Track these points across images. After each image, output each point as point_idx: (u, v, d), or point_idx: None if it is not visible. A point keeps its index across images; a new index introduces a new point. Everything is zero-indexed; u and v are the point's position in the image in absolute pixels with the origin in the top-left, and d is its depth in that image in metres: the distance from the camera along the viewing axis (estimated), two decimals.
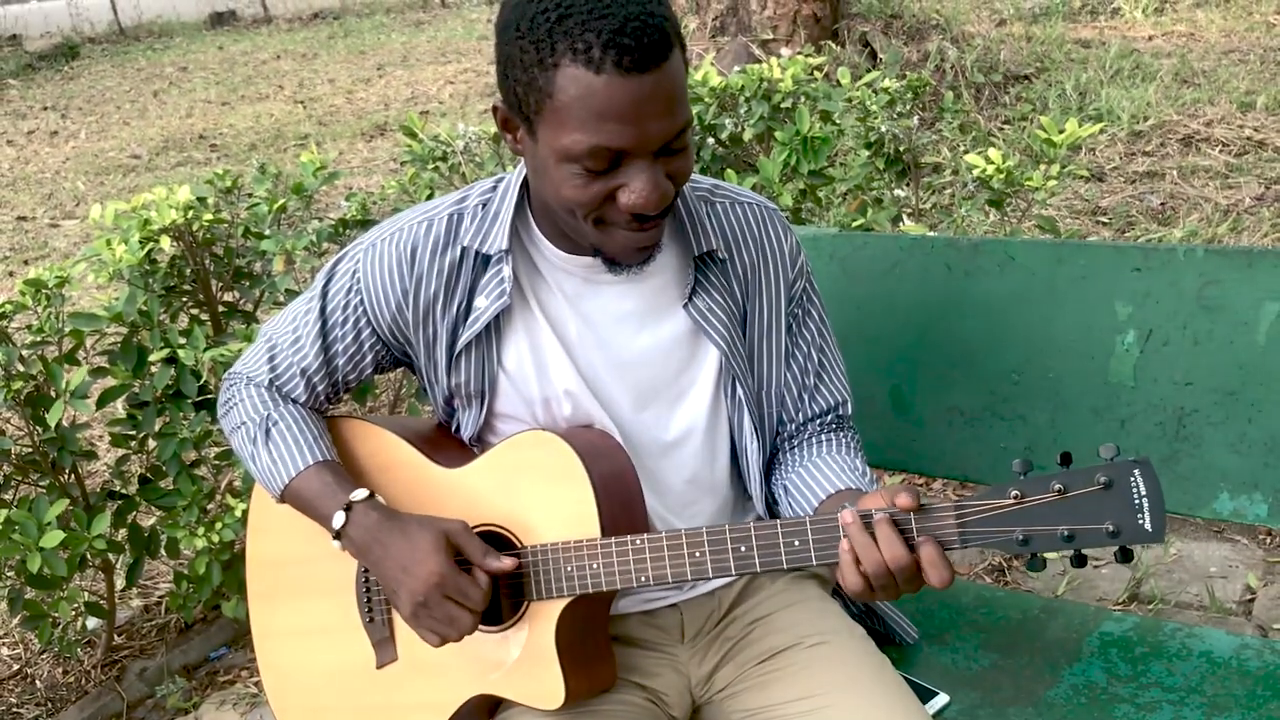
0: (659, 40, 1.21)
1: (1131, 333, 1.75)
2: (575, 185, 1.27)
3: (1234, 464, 1.70)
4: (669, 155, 1.28)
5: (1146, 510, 1.16)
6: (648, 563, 1.34)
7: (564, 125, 1.23)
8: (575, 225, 1.34)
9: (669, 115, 1.24)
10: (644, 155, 1.25)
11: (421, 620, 1.39)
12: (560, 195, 1.29)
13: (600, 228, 1.32)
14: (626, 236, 1.32)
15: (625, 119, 1.21)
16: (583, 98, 1.20)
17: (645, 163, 1.25)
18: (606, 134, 1.22)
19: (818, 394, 1.58)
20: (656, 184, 1.26)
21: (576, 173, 1.26)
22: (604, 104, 1.20)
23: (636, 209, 1.27)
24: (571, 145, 1.23)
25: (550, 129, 1.25)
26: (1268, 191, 4.60)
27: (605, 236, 1.33)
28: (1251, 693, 1.57)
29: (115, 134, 9.39)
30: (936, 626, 1.80)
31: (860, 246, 1.97)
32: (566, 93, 1.21)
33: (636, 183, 1.26)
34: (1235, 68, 5.98)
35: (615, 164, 1.25)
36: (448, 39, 11.90)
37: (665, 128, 1.24)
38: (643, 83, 1.20)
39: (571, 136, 1.23)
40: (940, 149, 5.19)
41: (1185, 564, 2.71)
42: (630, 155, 1.25)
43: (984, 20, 7.17)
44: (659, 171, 1.27)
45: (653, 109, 1.22)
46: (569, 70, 1.20)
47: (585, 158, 1.24)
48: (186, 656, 2.82)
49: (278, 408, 1.54)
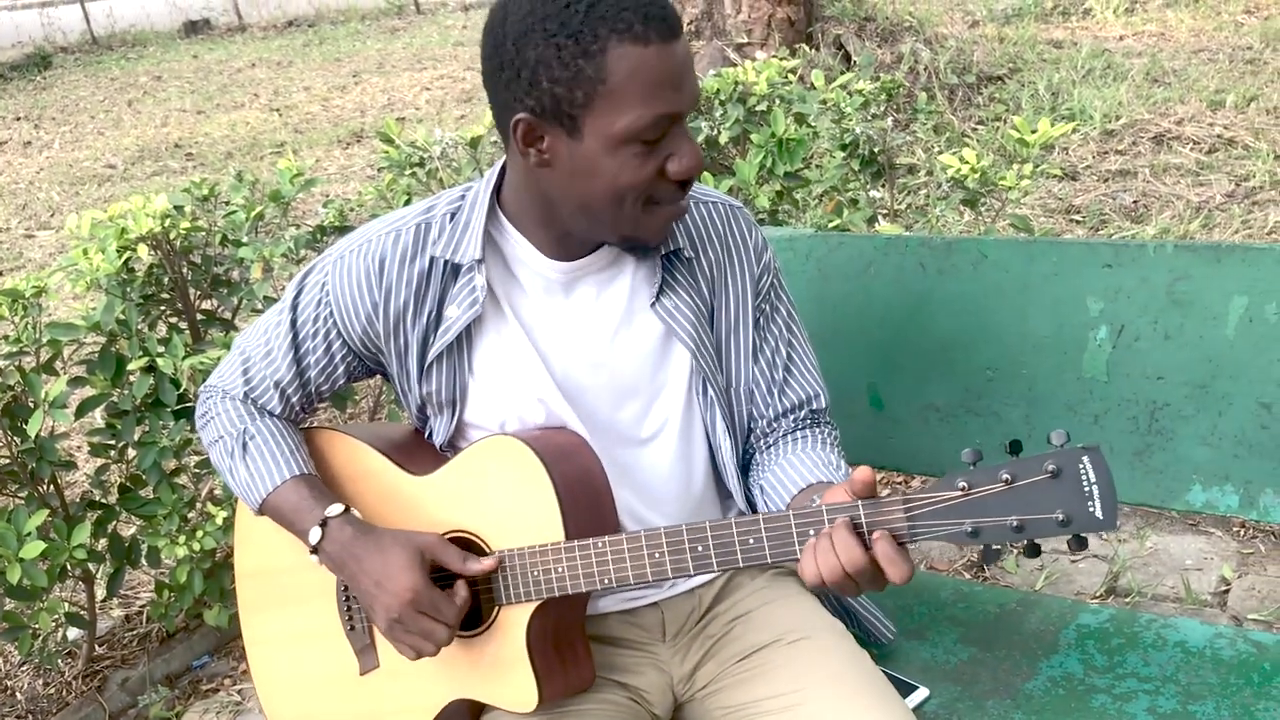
0: (673, 9, 1.30)
1: (1104, 328, 1.77)
2: (634, 167, 1.31)
3: (1205, 456, 1.73)
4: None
5: (1097, 498, 1.15)
6: (610, 564, 1.35)
7: (622, 104, 1.27)
8: (614, 218, 1.36)
9: (693, 75, 1.33)
10: (682, 119, 1.32)
11: (397, 635, 1.40)
12: (616, 184, 1.32)
13: (647, 209, 1.36)
14: (670, 210, 1.38)
15: (675, 84, 1.29)
16: (638, 71, 1.26)
17: (682, 128, 1.33)
18: (665, 101, 1.28)
19: (787, 389, 1.59)
20: (696, 145, 1.34)
21: (635, 153, 1.30)
22: (659, 73, 1.27)
23: (689, 172, 1.34)
24: (634, 122, 1.28)
25: (604, 116, 1.28)
26: (1238, 189, 4.65)
27: (649, 219, 1.37)
28: (1225, 681, 1.60)
29: (90, 144, 9.33)
30: (915, 621, 1.81)
31: (836, 247, 1.99)
32: (620, 72, 1.26)
33: (683, 147, 1.33)
34: (1205, 67, 6.05)
35: (662, 135, 1.31)
36: (423, 46, 11.88)
37: (695, 90, 1.34)
38: (678, 47, 1.29)
39: (634, 113, 1.27)
40: (914, 150, 5.23)
41: (1161, 557, 2.74)
42: (674, 121, 1.31)
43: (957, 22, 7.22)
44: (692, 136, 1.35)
45: (687, 70, 1.31)
46: (618, 50, 1.25)
47: (650, 130, 1.29)
48: (169, 666, 2.81)
49: (254, 421, 1.55)
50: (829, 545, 1.23)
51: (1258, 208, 4.46)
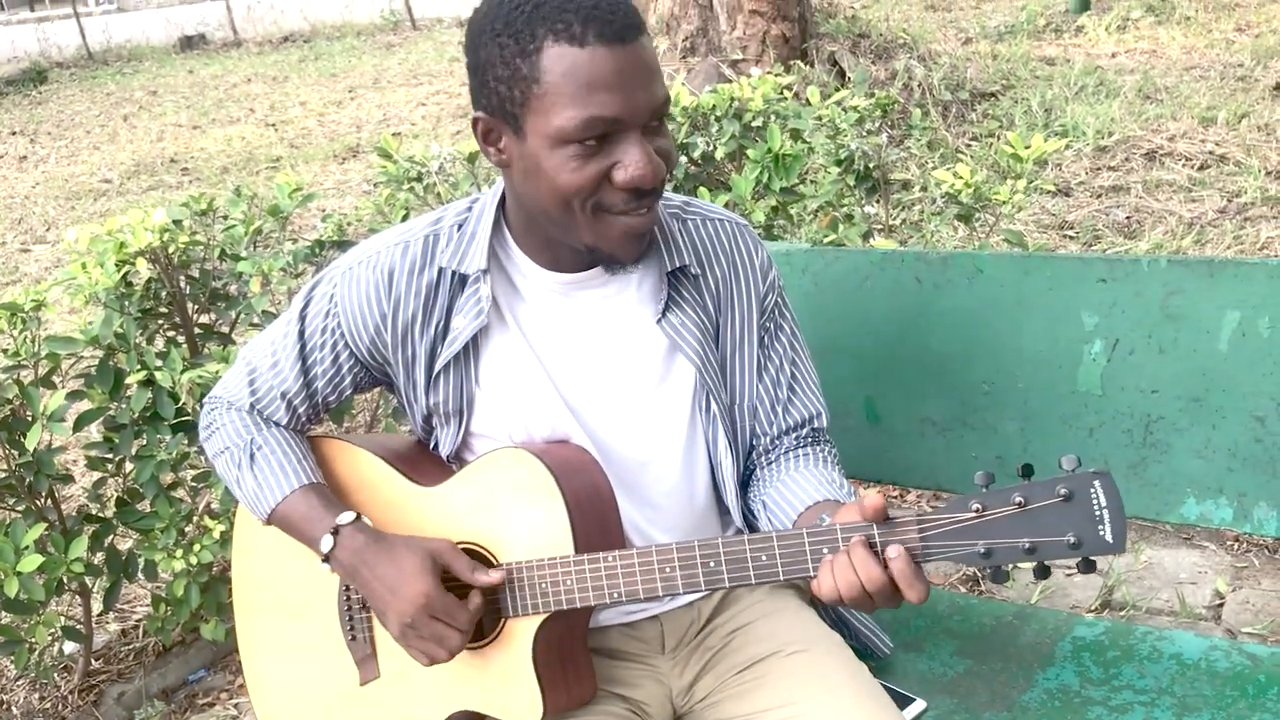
0: (633, 14, 1.28)
1: (1098, 342, 1.78)
2: (571, 169, 1.30)
3: (1200, 469, 1.74)
4: (651, 134, 1.33)
5: (1107, 521, 1.17)
6: (620, 579, 1.36)
7: (555, 105, 1.27)
8: (571, 224, 1.35)
9: (651, 85, 1.30)
10: (633, 128, 1.29)
11: (410, 641, 1.41)
12: (557, 186, 1.31)
13: (598, 217, 1.34)
14: (625, 223, 1.34)
15: (613, 87, 1.26)
16: (570, 72, 1.25)
17: (635, 136, 1.30)
18: (598, 104, 1.26)
19: (791, 407, 1.60)
20: (650, 156, 1.31)
21: (572, 155, 1.29)
22: (591, 75, 1.25)
23: (634, 183, 1.30)
24: (565, 123, 1.27)
25: (540, 115, 1.28)
26: (1230, 204, 4.68)
27: (602, 227, 1.35)
28: (1220, 693, 1.61)
29: (85, 158, 9.35)
30: (912, 634, 1.82)
31: (832, 261, 2.01)
32: (553, 72, 1.26)
33: (630, 156, 1.30)
34: (1196, 84, 6.09)
35: (606, 140, 1.29)
36: (419, 61, 11.91)
37: (650, 98, 1.29)
38: (625, 52, 1.26)
39: (565, 114, 1.27)
40: (909, 166, 5.25)
41: (1156, 571, 2.75)
42: (621, 128, 1.29)
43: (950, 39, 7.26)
44: (649, 147, 1.31)
45: (636, 78, 1.28)
46: (553, 50, 1.25)
47: (580, 132, 1.27)
48: (165, 680, 2.81)
49: (261, 431, 1.55)
50: (847, 563, 1.24)
51: (1249, 223, 4.49)
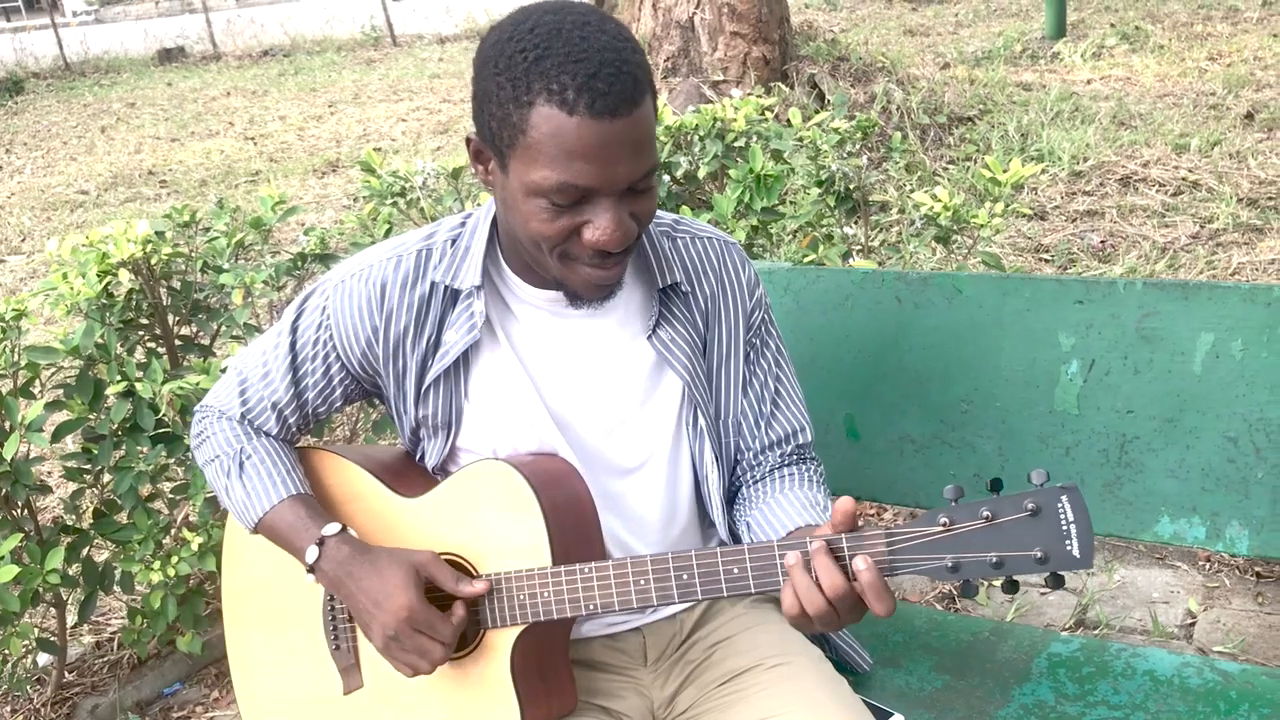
0: (631, 86, 1.26)
1: (1075, 363, 1.81)
2: (542, 220, 1.31)
3: (1173, 489, 1.77)
4: (634, 196, 1.33)
5: (1074, 537, 1.17)
6: (595, 591, 1.37)
7: (535, 161, 1.27)
8: (540, 258, 1.38)
9: (636, 159, 1.29)
10: (610, 194, 1.29)
11: (393, 653, 1.41)
12: (527, 228, 1.33)
13: (564, 262, 1.36)
14: (589, 273, 1.36)
15: (593, 159, 1.26)
16: (554, 136, 1.25)
17: (611, 201, 1.30)
18: (574, 172, 1.26)
19: (774, 422, 1.62)
20: (620, 222, 1.31)
21: (544, 207, 1.30)
22: (574, 144, 1.25)
23: (599, 245, 1.31)
24: (541, 181, 1.28)
25: (521, 163, 1.29)
26: (1202, 230, 4.75)
27: (568, 271, 1.37)
28: (1193, 709, 1.63)
29: (62, 170, 9.30)
30: (890, 649, 1.84)
31: (814, 280, 2.03)
32: (539, 130, 1.25)
33: (601, 220, 1.30)
34: (1170, 111, 6.18)
35: (581, 201, 1.30)
36: (399, 77, 11.94)
37: (631, 171, 1.29)
38: (613, 127, 1.25)
39: (541, 172, 1.27)
40: (888, 188, 5.30)
41: (1129, 590, 2.78)
42: (597, 194, 1.29)
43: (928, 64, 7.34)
44: (624, 210, 1.32)
45: (620, 152, 1.27)
46: (543, 109, 1.25)
47: (553, 193, 1.28)
48: (140, 693, 2.79)
49: (251, 441, 1.56)
50: (811, 582, 1.24)
51: (1221, 249, 4.56)
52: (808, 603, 1.25)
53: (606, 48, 1.26)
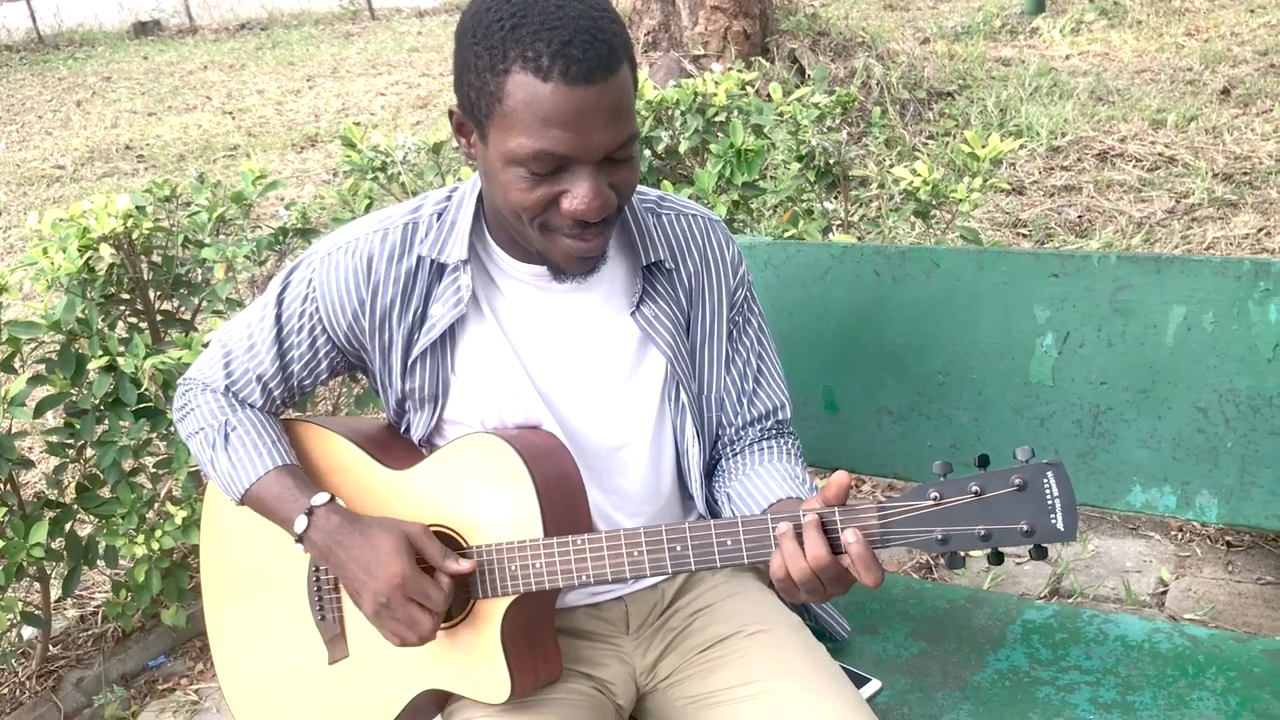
0: (606, 54, 1.27)
1: (1050, 335, 1.84)
2: (521, 189, 1.32)
3: (1145, 459, 1.80)
4: (613, 165, 1.34)
5: (1059, 511, 1.22)
6: (588, 562, 1.39)
7: (511, 129, 1.28)
8: (522, 230, 1.39)
9: (612, 126, 1.30)
10: (587, 163, 1.30)
11: (384, 621, 1.43)
12: (507, 198, 1.34)
13: (545, 234, 1.37)
14: (569, 244, 1.37)
15: (569, 126, 1.27)
16: (529, 103, 1.26)
17: (589, 170, 1.31)
18: (550, 140, 1.28)
19: (756, 398, 1.65)
20: (598, 191, 1.32)
21: (522, 176, 1.31)
22: (549, 111, 1.26)
23: (577, 215, 1.33)
24: (517, 149, 1.29)
25: (499, 132, 1.30)
26: (1178, 205, 4.79)
27: (549, 243, 1.38)
28: (1162, 673, 1.67)
29: (37, 144, 9.21)
30: (868, 617, 1.87)
31: (794, 254, 2.05)
32: (514, 98, 1.27)
33: (579, 189, 1.31)
34: (1147, 87, 6.21)
35: (559, 170, 1.31)
36: (378, 51, 11.85)
37: (608, 138, 1.30)
38: (588, 93, 1.26)
39: (517, 140, 1.28)
40: (867, 163, 5.32)
41: (1103, 559, 2.83)
42: (574, 162, 1.30)
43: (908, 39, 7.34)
44: (602, 180, 1.33)
45: (596, 119, 1.28)
46: (518, 77, 1.26)
47: (530, 161, 1.29)
48: (124, 666, 2.81)
49: (236, 413, 1.57)
50: (799, 550, 1.27)
51: (1196, 224, 4.60)
52: (795, 571, 1.28)
53: (582, 15, 1.27)
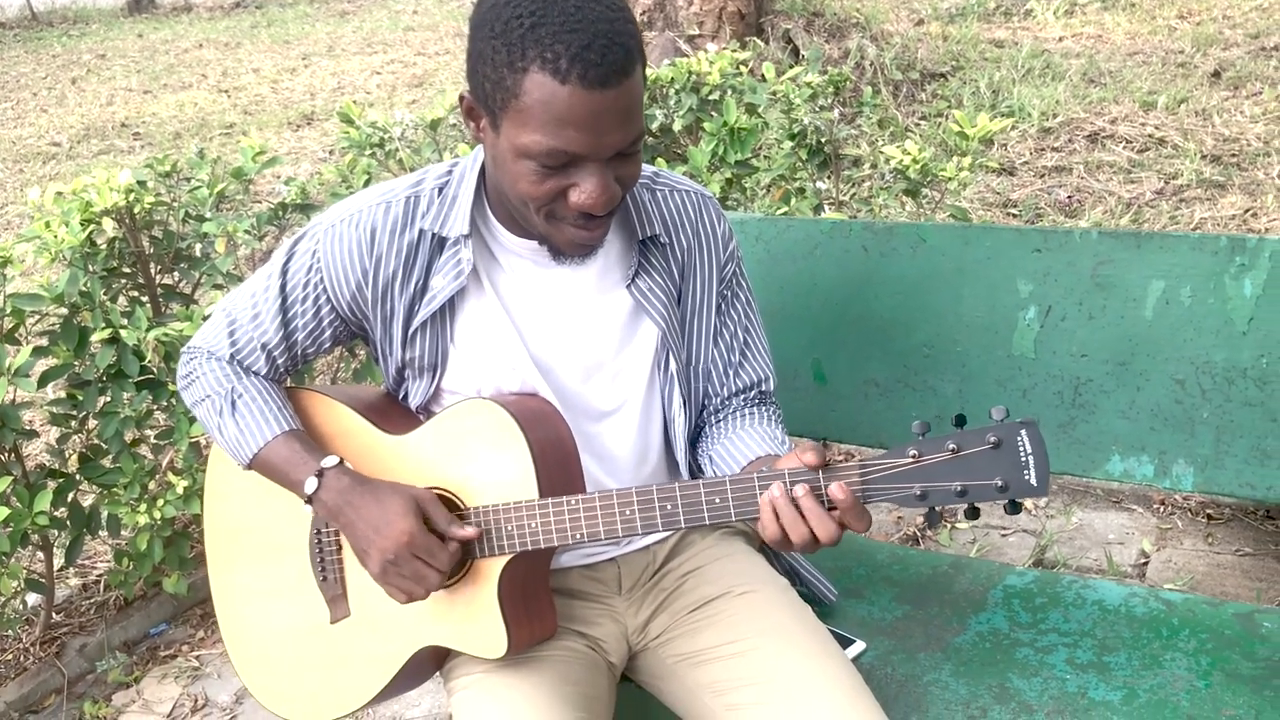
0: (622, 58, 1.30)
1: (1032, 309, 1.89)
2: (530, 181, 1.37)
3: (1124, 429, 1.86)
4: (620, 160, 1.38)
5: (1032, 467, 1.26)
6: (582, 521, 1.44)
7: (526, 125, 1.32)
8: (526, 215, 1.44)
9: (624, 128, 1.34)
10: (597, 160, 1.35)
11: (390, 578, 1.47)
12: (516, 188, 1.39)
13: (550, 221, 1.42)
14: (573, 233, 1.42)
15: (583, 127, 1.31)
16: (546, 103, 1.30)
17: (597, 166, 1.35)
18: (564, 139, 1.32)
19: (742, 370, 1.70)
20: (606, 187, 1.37)
21: (533, 169, 1.35)
22: (565, 112, 1.30)
23: (585, 208, 1.37)
24: (531, 144, 1.33)
25: (513, 126, 1.34)
26: (1166, 186, 4.84)
27: (554, 230, 1.43)
28: (1137, 635, 1.73)
29: (33, 121, 9.22)
30: (854, 582, 1.93)
31: (784, 230, 2.10)
32: (531, 96, 1.30)
33: (587, 184, 1.36)
34: (1139, 69, 6.24)
35: (568, 165, 1.35)
36: (373, 30, 11.85)
37: (619, 139, 1.35)
38: (604, 97, 1.30)
39: (532, 136, 1.32)
40: (860, 143, 5.36)
41: (1086, 531, 2.89)
42: (584, 159, 1.35)
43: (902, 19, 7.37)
44: (609, 175, 1.37)
45: (609, 121, 1.32)
46: (536, 76, 1.29)
47: (542, 157, 1.33)
48: (126, 633, 2.86)
49: (241, 380, 1.62)
50: (798, 515, 1.32)
51: (1184, 205, 4.65)
52: (793, 534, 1.32)
53: (600, 18, 1.30)
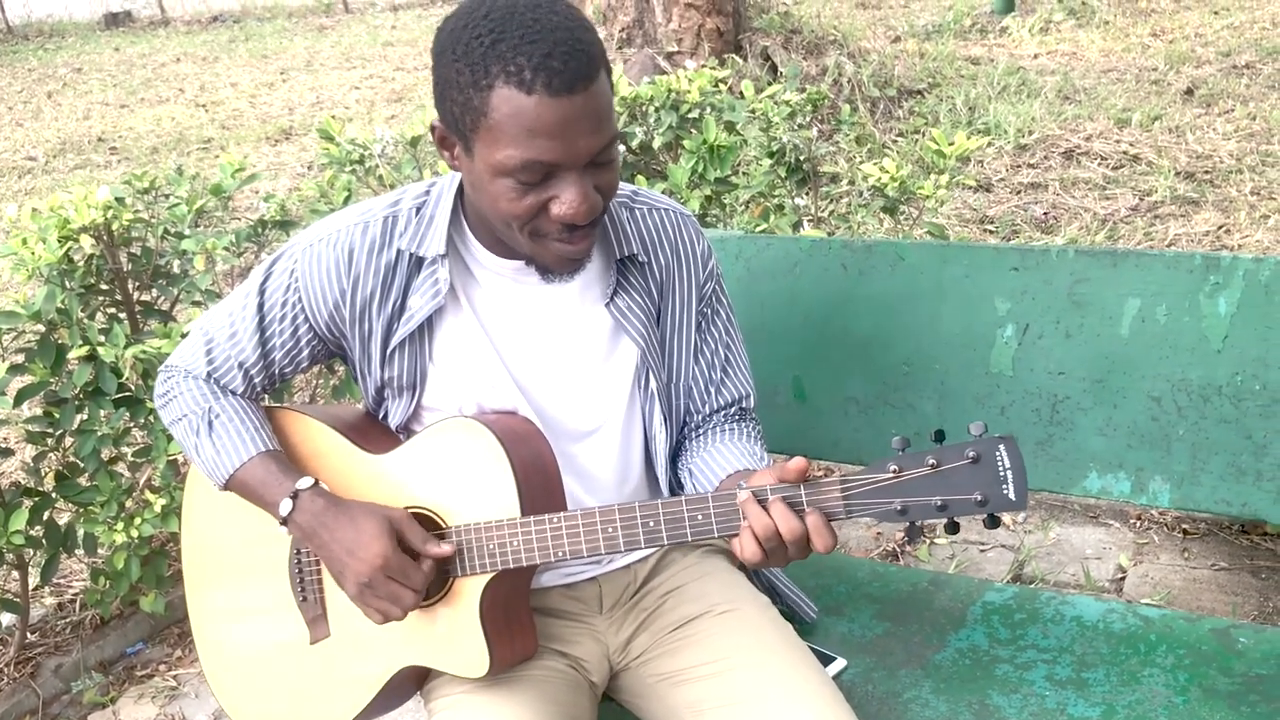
0: (585, 64, 1.32)
1: (1010, 327, 1.91)
2: (510, 199, 1.37)
3: (1101, 446, 1.87)
4: (596, 169, 1.39)
5: (1011, 481, 1.27)
6: (564, 538, 1.44)
7: (498, 142, 1.33)
8: (511, 236, 1.44)
9: (595, 132, 1.35)
10: (573, 169, 1.36)
11: (366, 600, 1.47)
12: (497, 209, 1.39)
13: (535, 240, 1.42)
14: (559, 248, 1.43)
15: (554, 135, 1.32)
16: (514, 116, 1.31)
17: (575, 175, 1.36)
18: (537, 149, 1.32)
19: (723, 388, 1.70)
20: (586, 195, 1.37)
21: (511, 186, 1.36)
22: (534, 122, 1.31)
23: (567, 219, 1.38)
24: (505, 160, 1.34)
25: (485, 146, 1.35)
26: (1141, 203, 4.88)
27: (539, 248, 1.43)
28: (1115, 651, 1.74)
29: (8, 135, 9.16)
30: (834, 599, 1.93)
31: (764, 247, 2.11)
32: (500, 111, 1.31)
33: (567, 194, 1.36)
34: (1113, 86, 6.31)
35: (546, 177, 1.36)
36: (352, 45, 11.84)
37: (592, 143, 1.35)
38: (571, 102, 1.31)
39: (505, 152, 1.33)
40: (838, 160, 5.39)
41: (1064, 547, 2.90)
42: (560, 169, 1.35)
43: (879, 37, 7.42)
44: (588, 183, 1.38)
45: (580, 126, 1.33)
46: (502, 91, 1.31)
47: (519, 171, 1.34)
48: (103, 653, 2.83)
49: (218, 400, 1.61)
50: (767, 517, 1.33)
51: (1159, 221, 4.70)
52: (762, 535, 1.33)
53: (559, 27, 1.31)
